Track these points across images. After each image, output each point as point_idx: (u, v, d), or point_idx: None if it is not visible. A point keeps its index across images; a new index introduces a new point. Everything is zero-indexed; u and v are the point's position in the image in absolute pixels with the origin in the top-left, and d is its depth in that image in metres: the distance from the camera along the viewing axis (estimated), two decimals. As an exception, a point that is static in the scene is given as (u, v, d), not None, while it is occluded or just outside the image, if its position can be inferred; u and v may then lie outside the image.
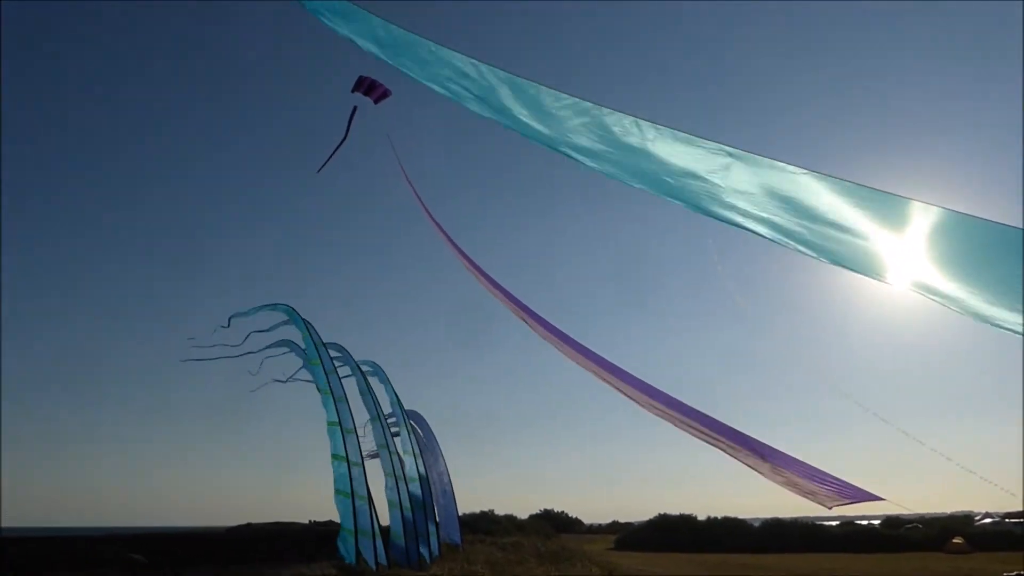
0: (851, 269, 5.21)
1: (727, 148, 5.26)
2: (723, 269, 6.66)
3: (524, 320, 13.07)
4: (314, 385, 24.12)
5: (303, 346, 24.56)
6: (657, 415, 10.23)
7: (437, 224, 15.97)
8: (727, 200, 5.69)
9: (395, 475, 26.31)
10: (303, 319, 24.12)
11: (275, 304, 25.04)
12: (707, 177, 5.59)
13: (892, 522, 56.27)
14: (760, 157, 5.08)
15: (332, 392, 23.00)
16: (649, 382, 10.29)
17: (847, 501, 8.55)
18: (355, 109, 15.78)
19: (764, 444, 8.68)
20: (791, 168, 4.93)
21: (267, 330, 25.55)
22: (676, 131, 5.49)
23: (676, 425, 10.08)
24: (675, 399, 9.81)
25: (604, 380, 11.13)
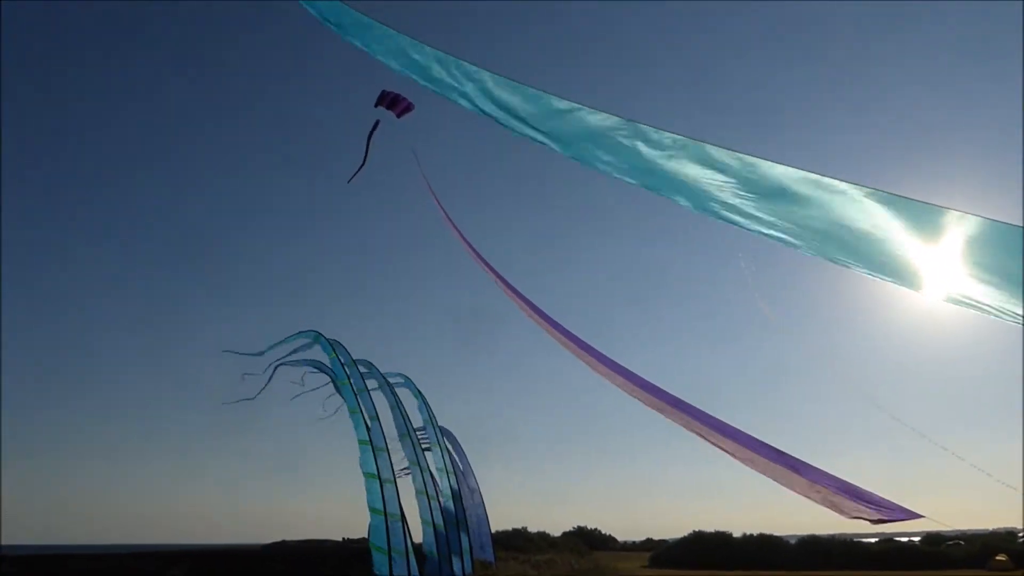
0: (886, 279, 5.15)
1: (757, 162, 5.26)
2: (752, 279, 6.60)
3: (554, 336, 13.06)
4: (340, 401, 24.35)
5: (331, 366, 24.78)
6: (691, 431, 10.14)
7: (465, 239, 16.04)
8: (753, 210, 5.67)
9: (427, 492, 26.34)
10: (329, 341, 24.36)
11: (303, 332, 25.37)
12: (737, 186, 5.58)
13: (932, 539, 54.87)
14: (790, 168, 5.07)
15: (363, 411, 23.13)
16: (679, 396, 10.21)
17: (886, 519, 8.37)
18: (377, 123, 15.91)
19: (798, 459, 8.55)
20: (829, 181, 4.92)
21: (293, 355, 25.85)
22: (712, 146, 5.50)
23: (708, 440, 9.98)
24: (707, 414, 9.71)
25: (636, 396, 11.07)
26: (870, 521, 8.51)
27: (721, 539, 53.54)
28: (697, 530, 56.23)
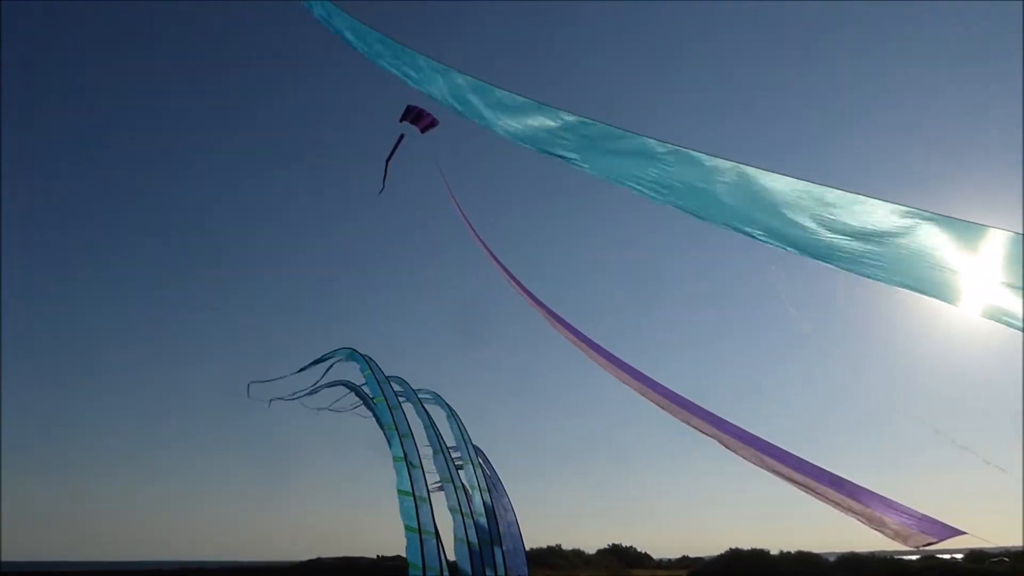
0: (923, 293, 5.12)
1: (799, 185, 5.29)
2: (781, 285, 6.58)
3: (585, 350, 13.07)
4: (372, 418, 24.48)
5: (363, 382, 24.92)
6: (727, 447, 10.07)
7: (493, 255, 16.12)
8: (789, 223, 5.67)
9: (460, 510, 26.33)
10: (364, 356, 24.52)
11: (337, 350, 25.53)
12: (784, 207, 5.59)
13: (976, 556, 53.40)
14: (824, 187, 5.09)
15: (397, 428, 23.24)
16: (716, 413, 10.17)
17: (931, 539, 8.22)
18: (402, 137, 16.12)
19: (837, 475, 8.46)
20: (863, 198, 4.93)
21: (326, 375, 26.00)
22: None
23: (744, 456, 9.91)
24: (743, 429, 9.66)
25: (668, 410, 11.03)
26: (909, 545, 8.37)
27: (758, 556, 52.69)
28: (734, 547, 55.45)
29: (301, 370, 25.87)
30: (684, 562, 77.84)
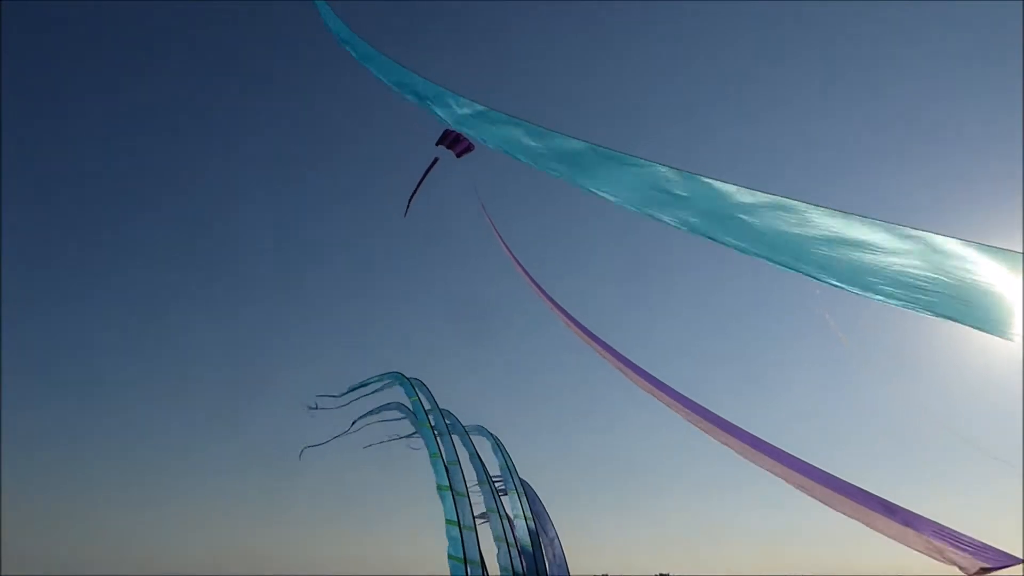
0: (973, 327, 5.10)
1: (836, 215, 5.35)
2: (827, 311, 6.59)
3: (635, 380, 13.07)
4: (419, 447, 24.57)
5: (411, 408, 25.10)
6: (778, 475, 9.99)
7: (536, 282, 16.24)
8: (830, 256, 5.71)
9: (506, 539, 26.22)
10: (411, 381, 24.70)
11: (386, 374, 25.76)
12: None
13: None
14: (875, 220, 5.14)
15: (443, 455, 23.32)
16: (765, 439, 10.09)
17: (990, 566, 8.06)
18: (436, 160, 16.22)
19: (892, 502, 8.34)
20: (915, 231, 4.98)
21: (375, 396, 26.15)
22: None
23: (795, 484, 9.81)
24: (796, 457, 9.58)
25: (717, 437, 10.98)
26: (968, 573, 8.21)
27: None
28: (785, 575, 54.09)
29: (347, 391, 25.94)
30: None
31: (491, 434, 31.90)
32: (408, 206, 17.16)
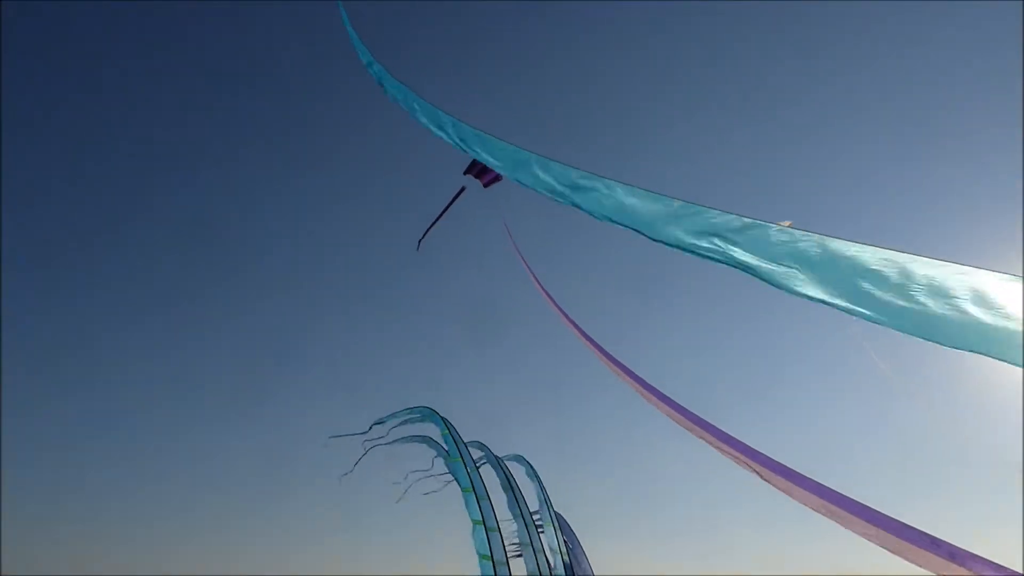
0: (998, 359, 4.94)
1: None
2: (865, 339, 6.44)
3: (669, 414, 12.88)
4: (450, 480, 24.46)
5: (443, 444, 25.00)
6: (832, 518, 9.73)
7: (567, 316, 16.10)
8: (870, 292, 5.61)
9: (540, 574, 25.87)
10: (442, 417, 24.64)
11: (414, 407, 25.71)
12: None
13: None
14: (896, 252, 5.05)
15: (475, 490, 23.18)
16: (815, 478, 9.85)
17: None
18: (462, 189, 15.80)
19: (956, 546, 8.07)
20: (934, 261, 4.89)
21: (401, 426, 26.01)
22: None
23: (854, 529, 9.53)
24: (848, 497, 9.33)
25: (761, 475, 10.75)
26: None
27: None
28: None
29: (377, 424, 25.82)
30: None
31: (528, 463, 31.52)
32: (423, 237, 16.76)
